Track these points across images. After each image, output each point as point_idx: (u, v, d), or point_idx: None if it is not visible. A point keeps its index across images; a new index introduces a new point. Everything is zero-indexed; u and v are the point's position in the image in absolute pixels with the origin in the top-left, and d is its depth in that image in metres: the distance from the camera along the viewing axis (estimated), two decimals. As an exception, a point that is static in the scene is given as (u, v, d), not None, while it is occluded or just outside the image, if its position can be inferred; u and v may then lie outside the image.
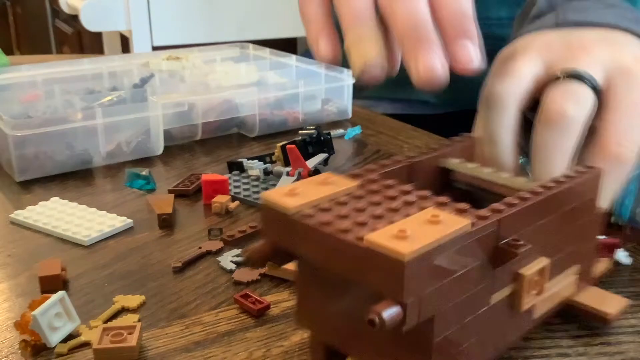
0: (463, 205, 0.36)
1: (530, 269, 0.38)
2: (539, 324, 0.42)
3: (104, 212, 0.62)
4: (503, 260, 0.36)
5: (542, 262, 0.39)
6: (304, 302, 0.39)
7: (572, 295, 0.44)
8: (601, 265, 0.48)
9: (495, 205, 0.36)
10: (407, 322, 0.31)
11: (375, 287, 0.32)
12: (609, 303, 0.44)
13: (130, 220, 0.60)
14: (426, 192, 0.38)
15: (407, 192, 0.38)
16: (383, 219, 0.34)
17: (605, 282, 0.50)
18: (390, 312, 0.30)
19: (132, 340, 0.42)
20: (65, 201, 0.64)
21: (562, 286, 0.43)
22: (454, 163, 0.46)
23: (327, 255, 0.34)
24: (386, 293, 0.31)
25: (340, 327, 0.37)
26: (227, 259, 0.53)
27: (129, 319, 0.46)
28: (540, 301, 0.40)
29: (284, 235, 0.36)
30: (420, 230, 0.32)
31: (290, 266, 0.40)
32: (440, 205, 0.36)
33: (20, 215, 0.61)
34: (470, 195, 0.46)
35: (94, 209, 0.62)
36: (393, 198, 0.37)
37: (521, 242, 0.36)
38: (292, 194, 0.37)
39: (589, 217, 0.43)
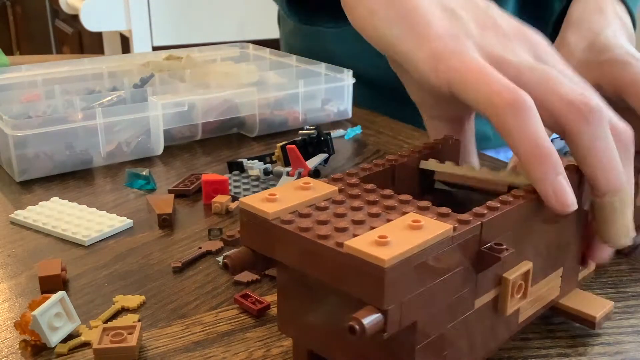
0: (444, 210, 0.35)
1: (513, 273, 0.37)
2: (523, 327, 0.42)
3: (104, 212, 0.62)
4: (486, 265, 0.35)
5: (526, 265, 0.38)
6: (285, 309, 0.39)
7: (557, 298, 0.44)
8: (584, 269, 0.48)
9: (478, 209, 0.36)
10: (387, 329, 0.31)
11: (355, 293, 0.31)
12: (594, 306, 0.44)
13: (130, 220, 0.60)
14: (407, 196, 0.37)
15: (387, 197, 0.37)
16: (364, 225, 0.34)
17: (608, 282, 0.50)
18: (370, 320, 0.30)
19: (132, 340, 0.42)
20: (65, 201, 0.64)
21: (547, 289, 0.42)
22: (436, 164, 0.45)
23: (307, 262, 0.33)
24: (366, 300, 0.31)
25: (322, 333, 0.37)
26: (227, 259, 0.53)
27: (129, 319, 0.46)
28: (524, 305, 0.40)
29: (264, 241, 0.36)
30: (400, 235, 0.32)
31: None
32: (422, 209, 0.36)
33: (20, 215, 0.61)
34: (453, 196, 0.45)
35: (94, 209, 0.62)
36: (374, 203, 0.37)
37: (504, 246, 0.35)
38: (271, 199, 0.36)
39: (573, 219, 0.42)
